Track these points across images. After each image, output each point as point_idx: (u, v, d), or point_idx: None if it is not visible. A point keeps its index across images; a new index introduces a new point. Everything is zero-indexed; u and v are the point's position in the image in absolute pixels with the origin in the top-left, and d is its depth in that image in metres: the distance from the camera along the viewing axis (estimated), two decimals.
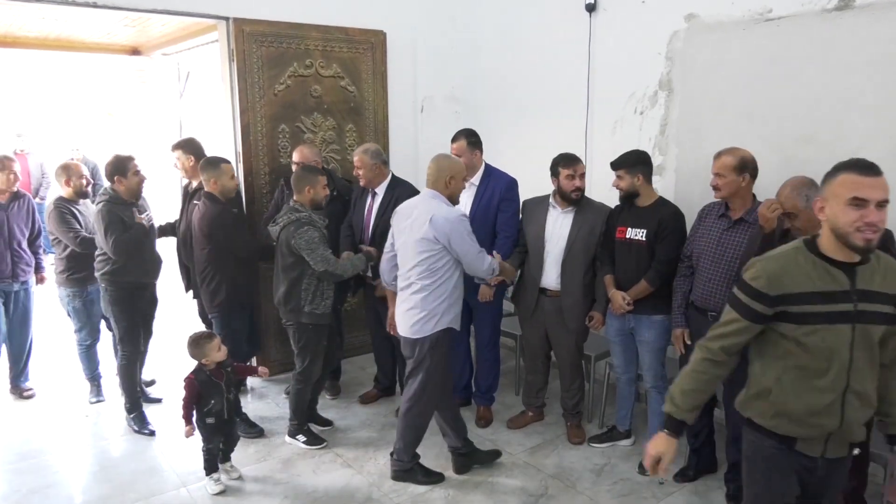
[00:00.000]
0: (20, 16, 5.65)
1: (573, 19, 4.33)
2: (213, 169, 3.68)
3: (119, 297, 3.78)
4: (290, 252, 3.40)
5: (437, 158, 3.18)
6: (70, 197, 4.07)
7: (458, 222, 3.01)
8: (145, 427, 3.86)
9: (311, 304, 3.48)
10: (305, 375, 3.62)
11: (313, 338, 3.57)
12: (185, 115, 7.85)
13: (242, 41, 4.20)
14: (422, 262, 3.03)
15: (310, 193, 3.46)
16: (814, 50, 3.24)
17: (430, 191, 3.13)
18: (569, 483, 3.34)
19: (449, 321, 3.12)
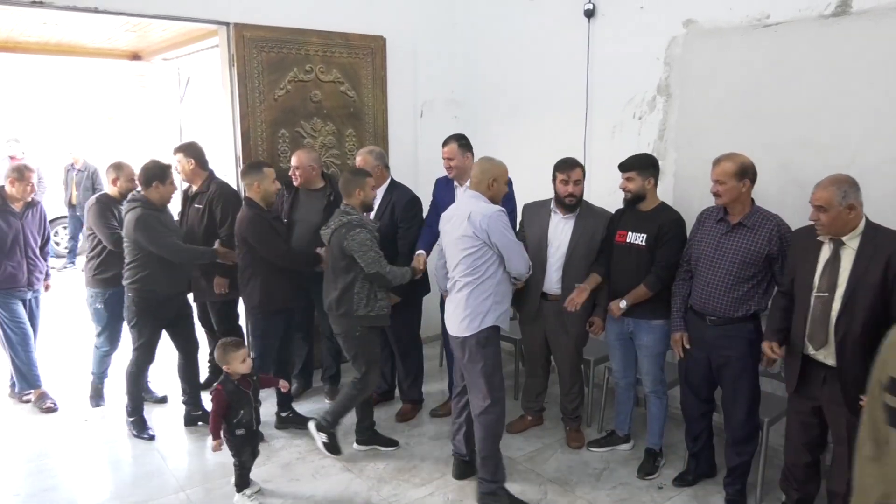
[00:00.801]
0: (21, 21, 5.68)
1: (572, 25, 4.35)
2: (257, 172, 3.63)
3: (144, 307, 3.72)
4: (343, 255, 3.33)
5: (480, 161, 3.20)
6: (115, 196, 4.07)
7: (496, 216, 2.99)
8: (145, 432, 3.85)
9: (367, 307, 3.40)
10: (363, 384, 3.52)
11: (364, 344, 3.46)
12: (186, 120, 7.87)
13: (243, 46, 4.22)
14: (464, 260, 3.02)
15: (360, 196, 3.41)
16: (811, 55, 3.25)
17: (471, 192, 3.12)
18: (568, 487, 3.34)
19: (495, 319, 3.07)
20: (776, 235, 2.88)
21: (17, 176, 4.04)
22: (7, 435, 3.91)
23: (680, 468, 3.42)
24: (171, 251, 3.68)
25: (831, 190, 2.49)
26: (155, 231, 3.63)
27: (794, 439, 2.83)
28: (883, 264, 2.44)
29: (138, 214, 3.62)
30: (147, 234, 3.61)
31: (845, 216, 2.49)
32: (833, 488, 2.70)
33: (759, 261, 2.90)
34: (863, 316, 2.47)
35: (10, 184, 4.03)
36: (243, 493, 3.20)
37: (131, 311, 3.76)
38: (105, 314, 4.12)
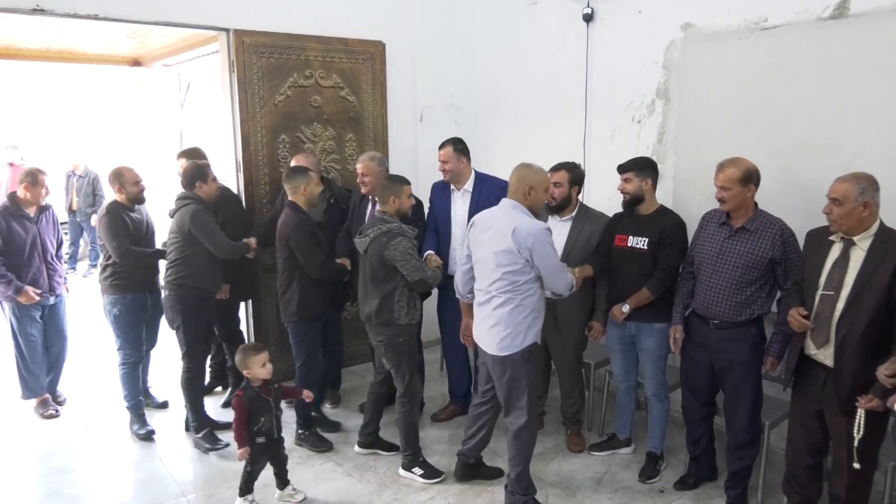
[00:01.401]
0: (22, 28, 5.69)
1: (571, 29, 4.37)
2: (302, 176, 3.62)
3: (192, 306, 3.69)
4: (382, 264, 3.25)
5: (517, 168, 3.04)
6: (124, 202, 3.89)
7: (542, 235, 2.85)
8: (217, 443, 3.79)
9: (408, 315, 3.35)
10: (410, 394, 3.44)
11: (407, 351, 3.41)
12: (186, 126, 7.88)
13: (243, 52, 4.23)
14: (504, 277, 2.89)
15: (395, 203, 3.34)
16: (809, 58, 3.26)
17: (509, 201, 2.97)
18: (569, 491, 3.34)
19: (534, 334, 3.00)
20: (779, 239, 2.88)
21: (32, 180, 4.01)
22: (9, 441, 3.92)
23: (681, 472, 3.42)
24: (222, 247, 3.66)
25: (850, 184, 2.48)
26: (209, 226, 3.63)
27: (796, 442, 2.82)
28: (892, 268, 2.43)
29: (193, 210, 3.61)
30: (202, 229, 3.60)
31: (859, 213, 2.48)
32: (835, 492, 2.69)
33: (762, 265, 2.90)
34: (866, 318, 2.47)
35: (25, 189, 4.00)
36: (245, 498, 3.20)
37: (175, 311, 3.69)
38: (125, 320, 3.93)
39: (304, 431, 3.80)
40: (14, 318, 4.08)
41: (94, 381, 4.78)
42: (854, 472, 2.59)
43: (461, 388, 4.16)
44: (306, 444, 3.79)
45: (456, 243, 3.85)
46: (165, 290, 3.75)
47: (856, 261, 2.52)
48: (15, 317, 4.08)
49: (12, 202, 4.04)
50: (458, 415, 4.15)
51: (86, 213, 8.26)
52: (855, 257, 2.53)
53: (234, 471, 3.52)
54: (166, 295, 3.75)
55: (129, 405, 3.99)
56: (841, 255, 2.57)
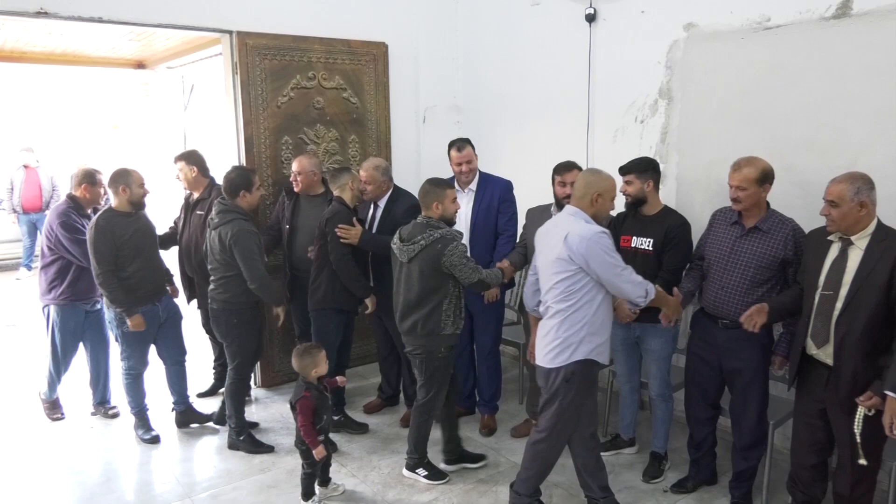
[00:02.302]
0: (27, 31, 5.72)
1: (573, 29, 4.37)
2: (347, 174, 3.71)
3: (247, 317, 3.66)
4: (436, 272, 3.15)
5: (584, 174, 2.91)
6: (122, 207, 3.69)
7: (596, 239, 2.67)
8: (260, 447, 3.76)
9: (453, 325, 3.25)
10: (429, 406, 3.38)
11: (443, 366, 3.32)
12: (190, 128, 7.91)
13: (245, 54, 4.25)
14: (557, 285, 2.76)
15: (438, 209, 3.23)
16: (812, 58, 3.25)
17: (571, 207, 2.84)
18: (573, 492, 3.34)
19: (588, 351, 2.78)
20: (791, 240, 2.87)
21: (91, 181, 3.93)
22: (12, 442, 3.93)
23: (685, 472, 3.41)
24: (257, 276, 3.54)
25: (845, 185, 2.49)
26: (251, 251, 3.52)
27: (800, 441, 2.82)
28: (890, 266, 2.43)
29: (237, 229, 3.49)
30: (243, 252, 3.50)
31: (856, 213, 2.49)
32: (839, 491, 2.69)
33: (774, 265, 2.89)
34: (865, 316, 2.47)
35: (85, 190, 3.92)
36: (311, 500, 3.21)
37: (229, 325, 3.64)
38: (135, 335, 3.77)
39: (339, 417, 3.90)
40: (58, 318, 3.98)
41: None
42: (858, 471, 2.59)
43: (465, 389, 4.15)
44: (343, 428, 3.93)
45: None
46: (214, 304, 3.68)
47: (854, 260, 2.53)
48: (59, 317, 3.97)
49: (75, 203, 3.94)
50: (462, 415, 4.15)
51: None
52: (853, 257, 2.54)
53: (239, 472, 3.55)
54: (215, 309, 3.68)
55: (134, 411, 3.97)
56: (839, 255, 2.57)
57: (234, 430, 3.77)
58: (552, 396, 2.85)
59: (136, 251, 3.70)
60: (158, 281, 3.90)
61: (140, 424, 3.96)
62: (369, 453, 3.74)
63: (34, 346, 5.74)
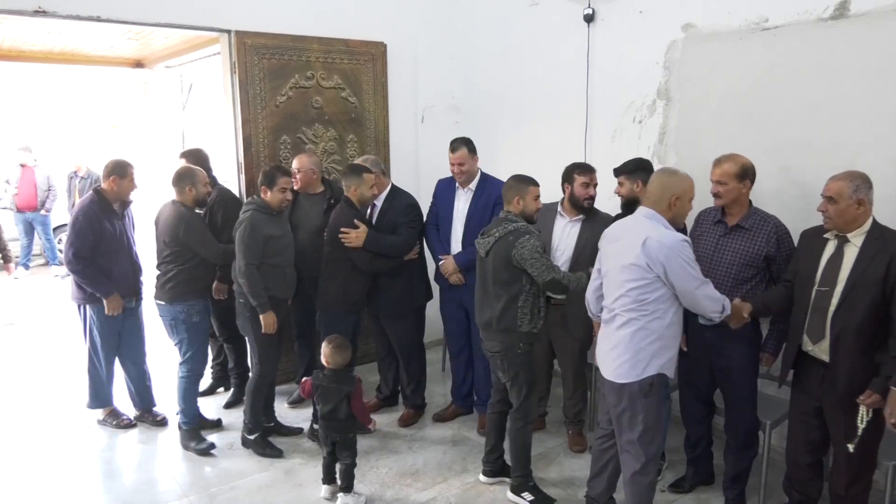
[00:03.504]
0: (25, 30, 5.72)
1: (572, 29, 4.37)
2: (356, 177, 3.65)
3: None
4: (507, 266, 3.04)
5: (660, 174, 2.75)
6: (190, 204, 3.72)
7: (678, 248, 2.50)
8: (269, 449, 3.69)
9: (531, 322, 3.10)
10: (525, 410, 3.19)
11: (526, 363, 3.17)
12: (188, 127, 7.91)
13: (244, 53, 4.24)
14: (629, 293, 2.57)
15: (519, 205, 3.14)
16: (810, 58, 3.26)
17: (646, 209, 2.64)
18: (571, 491, 3.34)
19: (661, 365, 2.62)
20: (774, 236, 2.89)
21: (121, 173, 3.78)
22: (10, 441, 3.93)
23: (682, 472, 3.41)
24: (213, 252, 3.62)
25: (844, 182, 2.52)
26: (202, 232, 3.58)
27: (796, 440, 2.83)
28: (886, 263, 2.46)
29: (245, 216, 3.53)
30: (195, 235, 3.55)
31: (853, 210, 2.51)
32: (835, 490, 2.70)
33: (758, 262, 2.91)
34: (861, 313, 2.49)
35: (113, 182, 3.76)
36: (354, 492, 3.27)
37: (246, 318, 3.60)
38: (203, 327, 3.77)
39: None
40: (95, 320, 3.84)
41: None
42: (854, 470, 2.61)
43: (463, 388, 4.16)
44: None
45: (455, 240, 3.87)
46: (240, 298, 3.62)
47: (849, 257, 2.55)
48: (96, 318, 3.84)
49: (100, 197, 3.79)
50: (460, 415, 4.16)
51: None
52: (849, 254, 2.56)
53: (237, 471, 3.55)
54: (239, 302, 3.64)
55: (185, 421, 3.79)
56: (835, 252, 2.59)
57: (248, 427, 3.73)
58: (632, 415, 2.65)
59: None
60: (210, 277, 3.89)
61: (193, 436, 3.78)
62: (367, 453, 3.74)
63: (33, 345, 5.75)
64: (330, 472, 3.33)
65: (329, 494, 3.31)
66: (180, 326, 3.74)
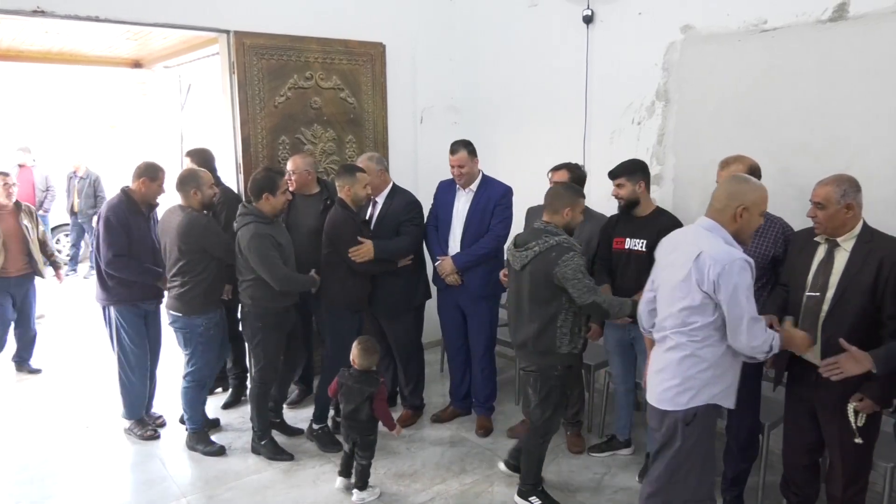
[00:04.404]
0: (24, 30, 5.71)
1: (571, 31, 4.37)
2: (349, 176, 3.59)
3: (272, 321, 3.56)
4: (548, 284, 2.86)
5: (728, 181, 2.46)
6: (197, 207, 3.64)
7: (735, 268, 2.23)
8: (281, 454, 3.66)
9: (570, 343, 2.94)
10: (545, 429, 3.11)
11: (559, 386, 3.04)
12: (187, 127, 7.90)
13: (243, 54, 4.24)
14: (680, 313, 2.35)
15: (567, 216, 2.96)
16: (809, 60, 3.26)
17: (707, 220, 2.39)
18: (569, 492, 3.34)
19: (713, 395, 2.37)
20: (781, 237, 2.88)
21: (151, 175, 3.71)
22: (8, 442, 3.92)
23: None
24: (279, 278, 3.44)
25: (831, 187, 2.51)
26: (267, 255, 3.41)
27: (792, 443, 2.83)
28: (875, 267, 2.45)
29: (252, 232, 3.41)
30: (259, 256, 3.40)
31: (842, 215, 2.50)
32: (832, 492, 2.70)
33: (765, 263, 2.90)
34: (851, 317, 2.49)
35: (142, 184, 3.69)
36: (370, 488, 3.30)
37: (255, 328, 3.57)
38: (217, 339, 3.73)
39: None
40: (122, 322, 3.76)
41: (94, 382, 4.78)
42: (850, 472, 2.60)
43: (462, 389, 4.16)
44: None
45: (454, 241, 3.87)
46: (243, 306, 3.62)
47: (840, 261, 2.55)
48: (123, 324, 3.76)
49: (128, 197, 3.71)
50: (458, 416, 4.16)
51: (87, 214, 8.28)
52: (839, 258, 2.56)
53: (235, 472, 3.54)
54: (245, 311, 3.62)
55: (193, 427, 3.77)
56: (826, 257, 2.59)
57: (257, 434, 3.69)
58: (666, 444, 2.45)
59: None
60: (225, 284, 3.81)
61: (200, 439, 3.76)
62: None
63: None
64: (347, 466, 3.36)
65: (342, 486, 3.35)
66: (196, 339, 3.66)
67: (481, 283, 3.84)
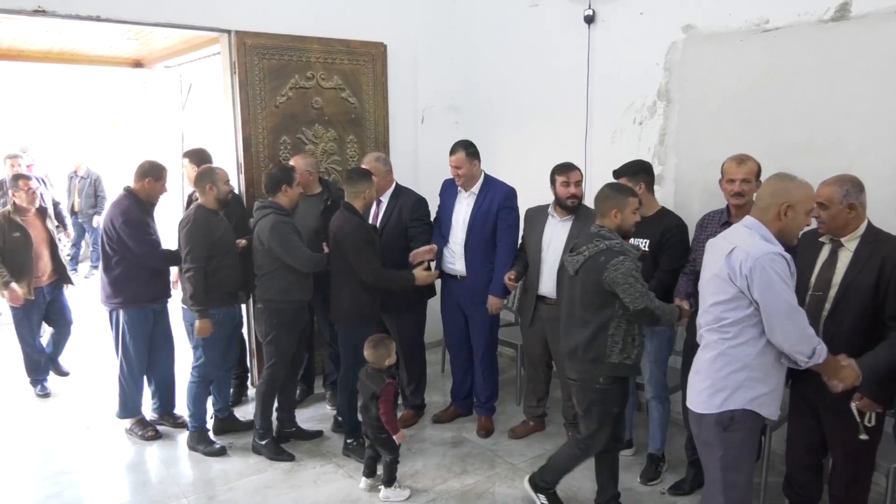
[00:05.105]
0: (25, 29, 5.71)
1: (572, 30, 4.37)
2: (367, 182, 3.52)
3: (286, 319, 3.57)
4: (598, 289, 2.76)
5: (773, 178, 2.36)
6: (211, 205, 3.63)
7: (767, 261, 2.16)
8: (281, 454, 3.66)
9: (622, 353, 2.80)
10: (588, 444, 2.97)
11: (601, 400, 2.89)
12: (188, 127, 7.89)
13: (244, 54, 4.24)
14: (712, 308, 2.30)
15: (617, 218, 2.84)
16: (810, 60, 3.26)
17: (751, 218, 2.33)
18: (570, 493, 3.33)
19: (748, 400, 2.26)
20: None
21: (156, 175, 3.76)
22: (9, 442, 3.92)
23: (683, 474, 3.41)
24: (304, 260, 3.49)
25: (834, 187, 2.51)
26: (290, 239, 3.45)
27: (795, 443, 2.83)
28: (878, 267, 2.45)
29: (273, 222, 3.44)
30: (282, 242, 3.43)
31: (845, 215, 2.51)
32: (834, 492, 2.69)
33: None
34: (853, 318, 2.49)
35: (148, 184, 3.73)
36: (396, 485, 3.30)
37: (269, 325, 3.57)
38: (217, 335, 3.69)
39: (352, 441, 3.66)
40: (128, 325, 3.77)
41: (94, 382, 4.78)
42: (853, 472, 2.60)
43: (462, 390, 4.16)
44: (354, 454, 3.63)
45: (455, 243, 3.85)
46: (259, 304, 3.62)
47: (843, 262, 2.55)
48: (130, 329, 3.78)
49: (135, 196, 3.74)
50: (459, 416, 4.16)
51: (87, 214, 8.28)
52: (842, 258, 2.56)
53: (235, 472, 3.54)
54: (259, 308, 3.62)
55: (195, 426, 3.76)
56: (829, 257, 2.59)
57: (258, 432, 3.68)
58: (709, 450, 2.37)
59: (225, 249, 3.62)
60: (240, 282, 3.78)
61: (201, 439, 3.75)
62: None
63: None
64: (370, 466, 3.37)
65: (367, 487, 3.35)
66: (194, 333, 3.67)
67: (484, 284, 3.82)
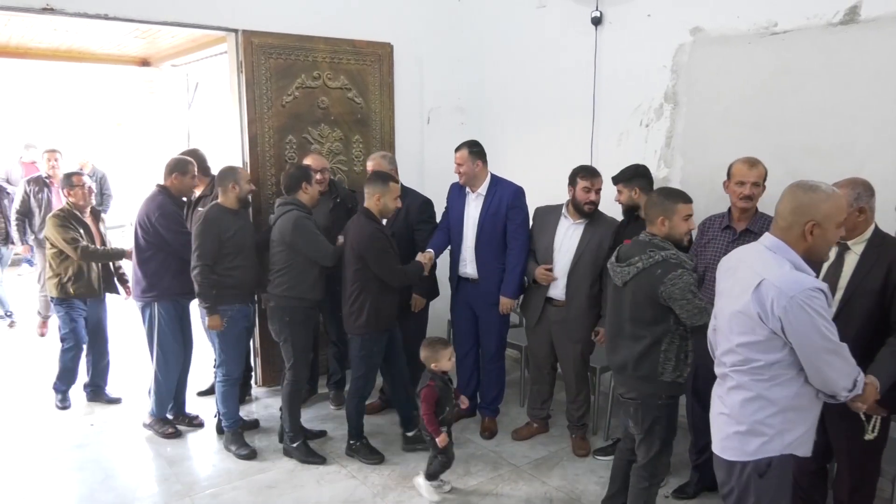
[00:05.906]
0: (32, 27, 5.73)
1: (579, 32, 4.36)
2: (381, 185, 3.46)
3: (302, 317, 3.58)
4: (653, 303, 2.58)
5: (794, 189, 2.02)
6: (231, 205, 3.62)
7: (803, 297, 1.87)
8: (311, 457, 3.63)
9: (675, 370, 2.64)
10: (652, 469, 2.77)
11: (664, 417, 2.71)
12: (194, 126, 7.92)
13: (251, 53, 4.24)
14: (737, 349, 2.03)
15: (664, 226, 2.66)
16: (819, 63, 3.25)
17: (771, 238, 2.04)
18: (573, 496, 3.33)
19: (787, 444, 2.03)
20: None
21: (181, 171, 3.80)
22: (13, 439, 3.93)
23: (687, 477, 3.39)
24: (328, 255, 3.51)
25: (845, 190, 2.49)
26: (313, 235, 3.49)
27: None
28: (884, 271, 2.45)
29: (295, 217, 3.47)
30: (306, 238, 3.47)
31: (854, 219, 2.50)
32: (839, 497, 2.68)
33: None
34: (858, 321, 2.48)
35: (175, 179, 3.79)
36: (431, 483, 3.31)
37: (283, 323, 3.57)
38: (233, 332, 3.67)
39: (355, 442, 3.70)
40: (163, 324, 3.80)
41: None
42: (857, 477, 2.59)
43: (468, 390, 4.13)
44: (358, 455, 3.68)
45: (466, 247, 3.85)
46: (272, 302, 3.62)
47: (850, 265, 2.54)
48: (165, 321, 3.80)
49: (168, 193, 3.77)
50: (463, 417, 4.15)
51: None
52: (849, 262, 2.55)
53: (239, 471, 3.54)
54: (272, 306, 3.62)
55: (228, 424, 3.75)
56: (836, 260, 2.58)
57: (289, 435, 3.66)
58: (739, 499, 2.14)
59: (237, 249, 3.58)
60: (255, 281, 3.73)
61: (234, 440, 3.73)
62: None
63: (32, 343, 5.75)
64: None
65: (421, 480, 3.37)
66: (220, 334, 3.66)
67: (496, 286, 3.81)
